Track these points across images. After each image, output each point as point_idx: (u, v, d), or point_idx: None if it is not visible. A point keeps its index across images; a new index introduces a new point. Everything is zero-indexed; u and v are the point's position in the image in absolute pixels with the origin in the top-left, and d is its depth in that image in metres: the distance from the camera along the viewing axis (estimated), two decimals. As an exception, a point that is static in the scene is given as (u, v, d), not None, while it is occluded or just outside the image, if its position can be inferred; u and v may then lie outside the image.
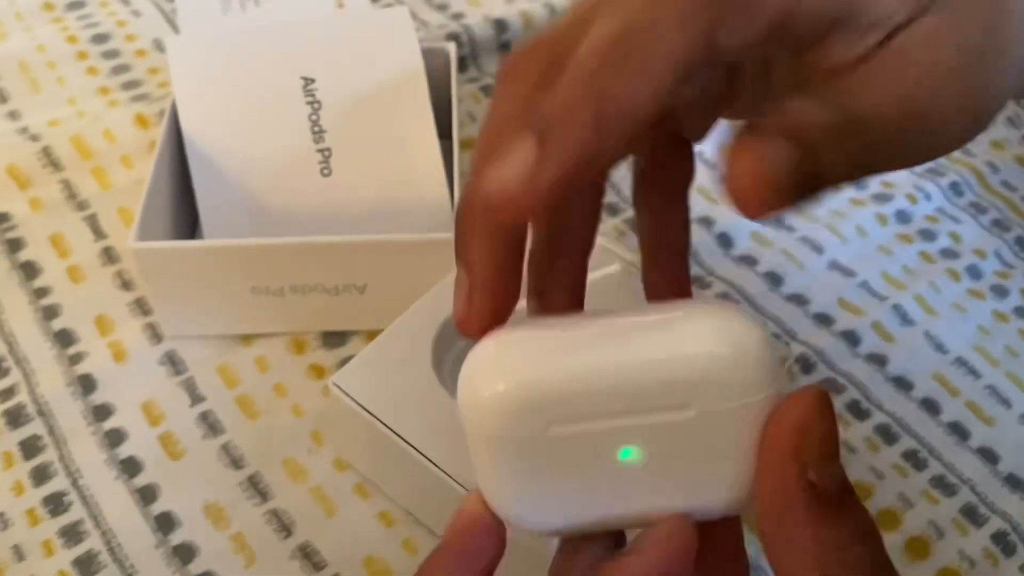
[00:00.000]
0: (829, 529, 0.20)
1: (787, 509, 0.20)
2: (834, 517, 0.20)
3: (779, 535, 0.21)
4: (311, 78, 0.44)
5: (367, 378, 0.35)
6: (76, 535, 0.36)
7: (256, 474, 0.38)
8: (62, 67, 0.56)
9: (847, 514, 0.20)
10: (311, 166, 0.44)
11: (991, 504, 0.39)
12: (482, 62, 0.58)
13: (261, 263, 0.40)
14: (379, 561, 0.36)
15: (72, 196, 0.49)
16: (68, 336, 0.43)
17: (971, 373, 0.44)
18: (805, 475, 0.20)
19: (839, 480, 0.21)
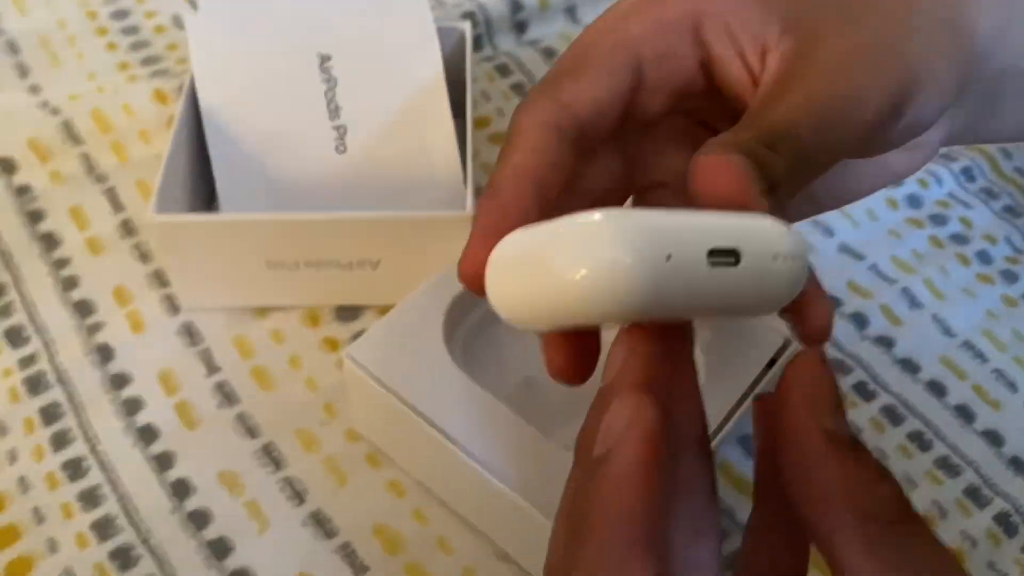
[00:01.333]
0: (855, 468, 0.21)
1: (812, 455, 0.21)
2: (856, 458, 0.21)
3: (808, 480, 0.21)
4: (328, 55, 0.45)
5: (381, 351, 0.35)
6: (94, 499, 0.37)
7: (270, 443, 0.39)
8: (82, 42, 0.57)
9: (867, 457, 0.22)
10: (327, 143, 0.44)
11: (994, 486, 0.40)
12: (497, 41, 0.58)
13: (277, 237, 0.40)
14: (389, 529, 0.37)
15: (91, 169, 0.49)
16: (87, 306, 0.44)
17: (978, 357, 0.44)
18: (822, 424, 0.21)
19: (848, 426, 0.22)
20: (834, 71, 0.26)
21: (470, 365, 0.36)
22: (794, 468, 0.22)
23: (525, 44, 0.58)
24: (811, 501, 0.21)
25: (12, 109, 0.52)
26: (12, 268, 0.45)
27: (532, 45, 0.58)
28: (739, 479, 0.39)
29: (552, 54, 0.58)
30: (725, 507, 0.38)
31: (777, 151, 0.24)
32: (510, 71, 0.57)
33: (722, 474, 0.39)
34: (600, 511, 0.21)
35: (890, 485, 0.21)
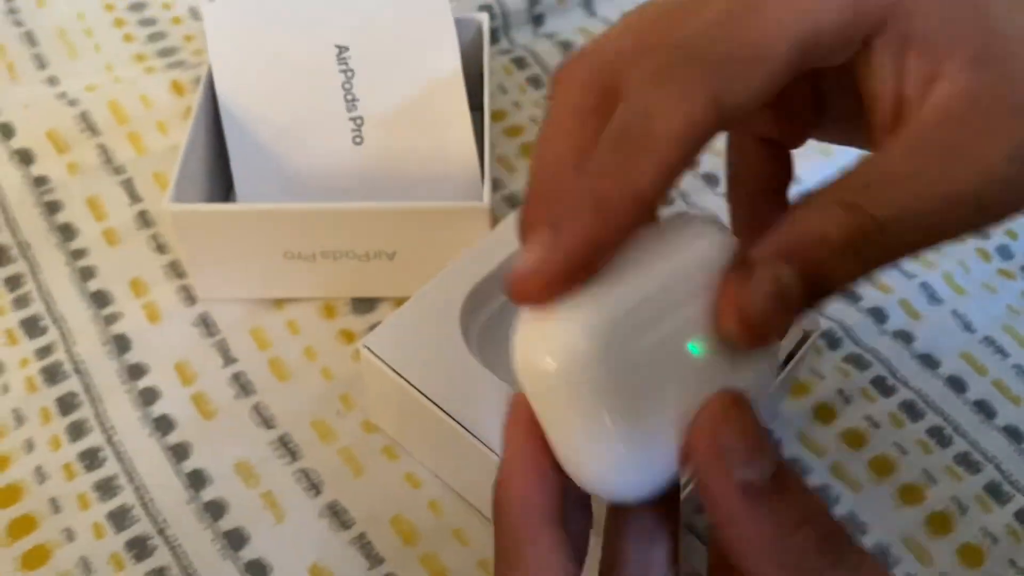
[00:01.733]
0: (768, 521, 0.21)
1: (727, 512, 0.21)
2: (769, 509, 0.21)
3: (728, 538, 0.21)
4: (345, 46, 0.45)
5: (397, 341, 0.35)
6: (110, 489, 0.37)
7: (286, 434, 0.39)
8: (99, 34, 0.57)
9: (783, 501, 0.21)
10: (344, 134, 0.44)
11: (1015, 482, 0.39)
12: (514, 34, 0.58)
13: (294, 228, 0.40)
14: (405, 521, 0.37)
15: (108, 160, 0.49)
16: (104, 297, 0.44)
17: (999, 352, 0.44)
18: (733, 477, 0.21)
19: (768, 472, 0.21)
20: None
21: (487, 355, 0.36)
22: (715, 524, 0.21)
23: (542, 37, 0.58)
24: (736, 556, 0.21)
25: (30, 100, 0.52)
26: (29, 258, 0.45)
27: (549, 38, 0.58)
28: (757, 473, 0.39)
29: (569, 47, 0.57)
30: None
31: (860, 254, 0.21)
32: (527, 64, 0.56)
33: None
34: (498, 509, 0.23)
35: (810, 527, 0.21)
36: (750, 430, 0.21)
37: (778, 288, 0.21)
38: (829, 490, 0.39)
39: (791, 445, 0.40)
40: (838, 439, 0.40)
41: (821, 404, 0.41)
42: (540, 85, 0.55)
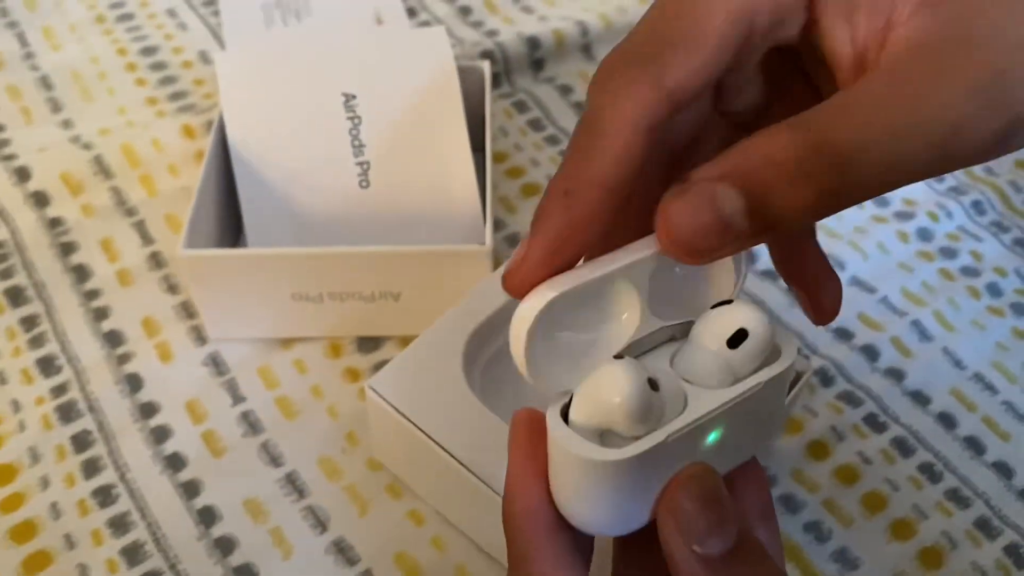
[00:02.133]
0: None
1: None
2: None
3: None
4: (352, 94, 0.46)
5: (401, 382, 0.37)
6: (123, 526, 0.38)
7: (293, 472, 0.40)
8: (112, 78, 0.59)
9: (737, 569, 0.22)
10: (351, 178, 0.46)
11: (1005, 517, 0.40)
12: (515, 79, 0.59)
13: (301, 271, 0.41)
14: (409, 558, 0.38)
15: (121, 203, 0.51)
16: (117, 337, 0.45)
17: (988, 389, 0.45)
18: (691, 548, 0.22)
19: (728, 543, 0.22)
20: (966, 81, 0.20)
21: (489, 396, 0.37)
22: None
23: (542, 81, 0.60)
24: None
25: (45, 143, 0.54)
26: (45, 299, 0.46)
27: (549, 82, 0.60)
28: (752, 509, 0.40)
29: (568, 91, 0.59)
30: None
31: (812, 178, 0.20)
32: (528, 107, 0.58)
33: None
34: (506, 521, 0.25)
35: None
36: (712, 504, 0.23)
37: (714, 205, 0.21)
38: (821, 525, 0.40)
39: (784, 481, 0.41)
40: (831, 475, 0.41)
41: (814, 441, 0.42)
42: (540, 128, 0.57)
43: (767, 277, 0.49)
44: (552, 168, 0.54)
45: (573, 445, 0.23)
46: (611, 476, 0.23)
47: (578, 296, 0.24)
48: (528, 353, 0.23)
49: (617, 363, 0.23)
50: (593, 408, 0.23)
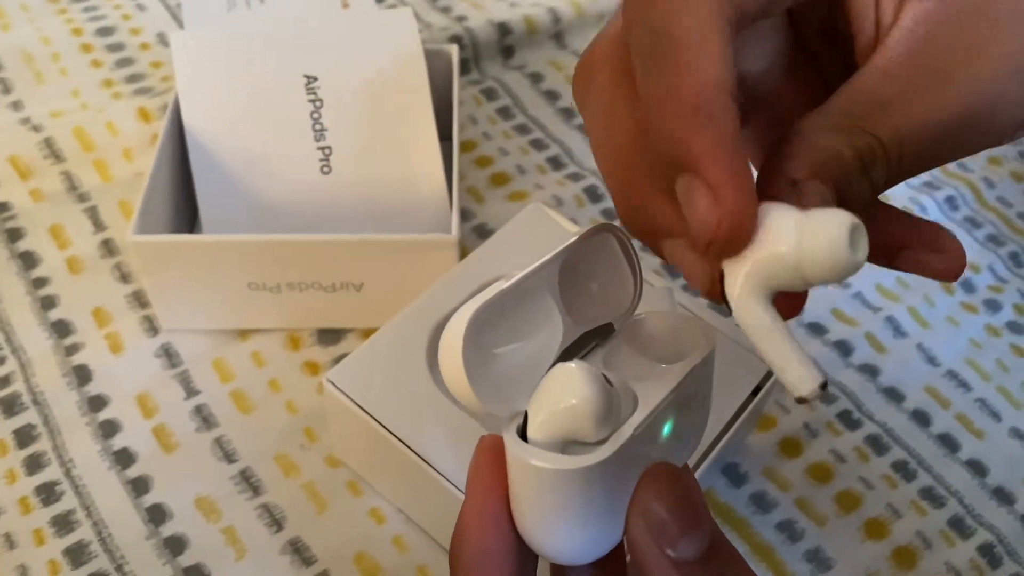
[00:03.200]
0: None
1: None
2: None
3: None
4: (314, 76, 0.45)
5: (362, 375, 0.35)
6: (67, 525, 0.37)
7: (248, 468, 0.39)
8: (66, 59, 0.56)
9: (712, 574, 0.21)
10: (311, 164, 0.44)
11: (978, 516, 0.40)
12: (484, 65, 0.58)
13: (259, 259, 0.40)
14: (369, 558, 0.36)
15: (73, 188, 0.49)
16: (65, 327, 0.43)
17: (962, 386, 0.44)
18: (663, 551, 0.21)
19: (702, 546, 0.21)
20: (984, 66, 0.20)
21: (453, 391, 0.36)
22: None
23: (512, 69, 0.58)
24: None
25: (-7, 126, 0.51)
26: (-11, 287, 0.44)
27: (519, 70, 0.58)
28: (723, 508, 0.39)
29: (539, 79, 0.58)
30: (709, 537, 0.38)
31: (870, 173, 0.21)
32: (497, 95, 0.57)
33: (706, 503, 0.39)
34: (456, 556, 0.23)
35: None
36: (684, 506, 0.21)
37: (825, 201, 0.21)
38: (795, 524, 0.39)
39: (757, 479, 0.40)
40: (804, 473, 0.40)
41: (787, 438, 0.41)
42: (510, 116, 0.55)
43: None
44: (522, 158, 0.53)
45: (541, 459, 0.21)
46: (584, 485, 0.22)
47: (499, 308, 0.23)
48: (469, 376, 0.22)
49: (568, 365, 0.22)
50: (553, 417, 0.22)
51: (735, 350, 0.37)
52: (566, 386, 0.22)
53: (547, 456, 0.22)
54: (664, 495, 0.21)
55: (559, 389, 0.22)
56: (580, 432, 0.22)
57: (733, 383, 0.36)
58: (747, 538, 0.38)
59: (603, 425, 0.22)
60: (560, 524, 0.22)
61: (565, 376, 0.22)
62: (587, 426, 0.22)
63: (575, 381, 0.22)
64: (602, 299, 0.27)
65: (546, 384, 0.22)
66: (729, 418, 0.35)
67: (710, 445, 0.34)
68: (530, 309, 0.25)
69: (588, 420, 0.22)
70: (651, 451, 0.24)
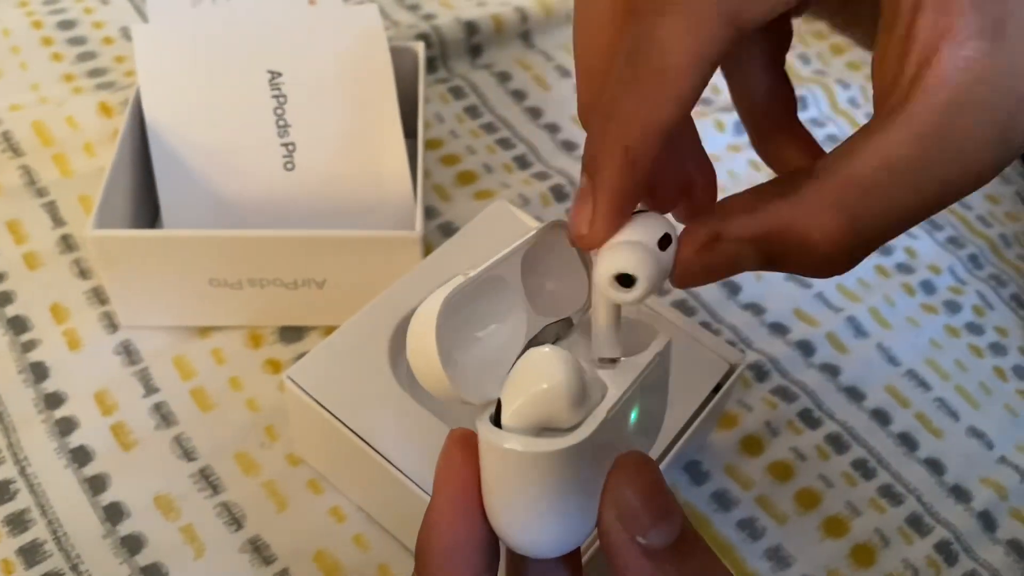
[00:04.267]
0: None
1: (626, 573, 0.21)
2: (672, 571, 0.21)
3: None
4: (278, 72, 0.44)
5: (323, 373, 0.35)
6: (21, 523, 0.36)
7: (208, 467, 0.38)
8: (26, 52, 0.56)
9: (686, 564, 0.21)
10: (275, 160, 0.44)
11: (936, 514, 0.40)
12: (452, 63, 0.58)
13: (219, 255, 0.39)
14: (329, 556, 0.36)
15: (32, 182, 0.48)
16: (22, 323, 0.42)
17: (921, 385, 0.45)
18: (634, 539, 0.21)
19: (672, 535, 0.21)
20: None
21: (416, 388, 0.36)
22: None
23: (479, 67, 0.58)
24: None
25: (-50, 119, 0.51)
26: (-56, 282, 0.43)
27: (486, 69, 0.58)
28: (684, 506, 0.39)
29: (507, 78, 0.58)
30: (670, 534, 0.38)
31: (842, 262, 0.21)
32: (464, 94, 0.56)
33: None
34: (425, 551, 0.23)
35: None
36: (655, 494, 0.21)
37: (735, 264, 0.22)
38: (756, 522, 0.39)
39: (718, 477, 0.40)
40: (765, 471, 0.40)
41: (749, 436, 0.42)
42: (477, 115, 0.55)
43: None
44: (489, 157, 0.53)
45: (518, 443, 0.21)
46: (561, 469, 0.21)
47: (467, 296, 0.23)
48: (442, 361, 0.22)
49: (542, 349, 0.22)
50: (529, 401, 0.22)
51: (696, 348, 0.37)
52: (541, 370, 0.22)
53: (525, 440, 0.21)
54: (636, 483, 0.21)
55: (534, 373, 0.22)
56: (556, 416, 0.22)
57: (694, 381, 0.36)
58: (708, 536, 0.38)
59: (578, 408, 0.22)
60: (535, 514, 0.22)
61: (540, 360, 0.22)
62: (563, 409, 0.22)
63: (551, 364, 0.22)
64: (559, 294, 0.27)
65: (520, 369, 0.22)
66: (690, 416, 0.35)
67: (671, 442, 0.34)
68: (496, 299, 0.24)
69: (564, 403, 0.22)
70: (618, 441, 0.24)
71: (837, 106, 0.57)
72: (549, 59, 0.59)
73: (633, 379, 0.24)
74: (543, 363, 0.22)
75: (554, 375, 0.21)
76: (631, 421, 0.24)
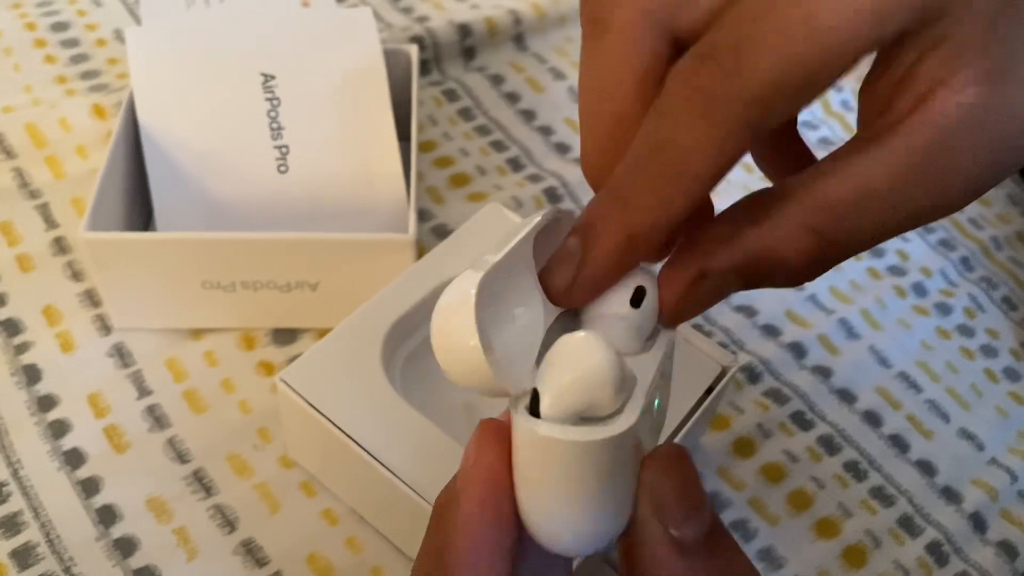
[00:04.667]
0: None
1: (662, 568, 0.21)
2: (703, 566, 0.21)
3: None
4: (271, 74, 0.44)
5: (316, 375, 0.35)
6: (14, 526, 0.36)
7: (201, 469, 0.38)
8: (19, 54, 0.56)
9: (716, 559, 0.21)
10: (268, 163, 0.44)
11: (927, 515, 0.40)
12: (445, 66, 0.58)
13: (212, 257, 0.39)
14: (322, 559, 0.36)
15: (24, 184, 0.48)
16: (14, 325, 0.42)
17: (913, 387, 0.45)
18: (668, 531, 0.21)
19: (704, 528, 0.21)
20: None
21: (409, 391, 0.36)
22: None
23: (473, 70, 0.58)
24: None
25: (-57, 121, 0.50)
26: (-64, 284, 0.43)
27: (480, 72, 0.58)
28: (677, 508, 0.39)
29: (500, 80, 0.58)
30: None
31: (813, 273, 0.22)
32: (458, 96, 0.57)
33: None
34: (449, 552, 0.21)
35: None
36: (689, 488, 0.22)
37: (720, 294, 0.23)
38: (747, 524, 0.39)
39: (711, 479, 0.40)
40: (757, 473, 0.41)
41: (741, 438, 0.42)
42: (471, 117, 0.55)
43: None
44: (482, 160, 0.53)
45: (569, 433, 0.20)
46: (606, 460, 0.21)
47: (495, 278, 0.22)
48: (483, 345, 0.21)
49: (578, 335, 0.21)
50: (570, 389, 0.21)
51: (688, 350, 0.37)
52: (581, 355, 0.21)
53: (571, 430, 0.21)
54: (671, 476, 0.22)
55: (574, 359, 0.21)
56: (598, 402, 0.21)
57: (686, 383, 0.36)
58: (700, 537, 0.38)
59: (620, 393, 0.21)
60: (577, 507, 0.21)
61: (578, 345, 0.21)
62: (606, 395, 0.21)
63: (590, 350, 0.21)
64: None
65: (556, 356, 0.21)
66: (682, 418, 0.35)
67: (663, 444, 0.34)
68: (515, 287, 0.24)
69: (607, 388, 0.21)
70: (643, 434, 0.23)
71: (830, 108, 0.57)
72: (543, 62, 0.60)
73: (657, 365, 0.23)
74: (582, 348, 0.21)
75: (595, 360, 0.21)
76: (655, 408, 0.24)
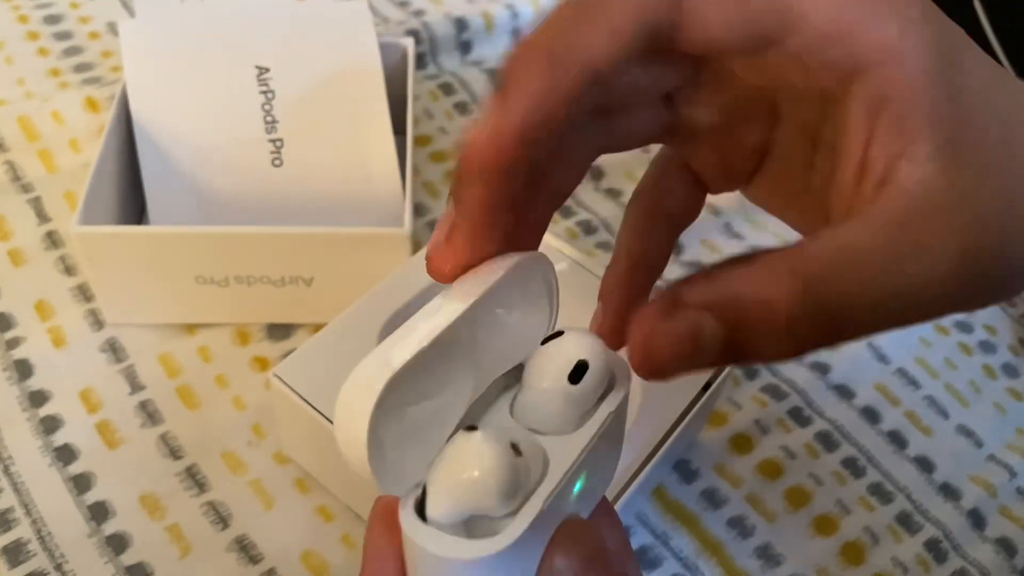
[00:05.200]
0: None
1: None
2: None
3: None
4: (266, 67, 0.44)
5: (310, 370, 0.34)
6: (5, 523, 0.36)
7: (194, 465, 0.38)
8: (12, 47, 0.55)
9: None
10: (262, 156, 0.43)
11: (925, 512, 0.40)
12: (441, 60, 0.58)
13: (206, 252, 0.39)
14: (317, 555, 0.36)
15: (16, 178, 0.48)
16: (6, 320, 0.42)
17: (911, 384, 0.45)
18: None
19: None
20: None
21: (403, 386, 0.35)
22: None
23: (469, 64, 0.58)
24: None
25: (-66, 114, 0.50)
26: (-73, 279, 0.43)
27: (476, 65, 0.58)
28: (674, 504, 0.39)
29: (496, 75, 0.57)
30: (659, 532, 0.38)
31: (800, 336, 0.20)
32: (454, 90, 0.56)
33: (657, 499, 0.39)
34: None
35: None
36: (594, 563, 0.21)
37: (697, 337, 0.20)
38: (745, 520, 0.39)
39: (708, 476, 0.40)
40: (755, 470, 0.40)
41: (739, 434, 0.41)
42: (467, 111, 0.55)
43: (693, 268, 0.48)
44: (478, 153, 0.53)
45: (439, 545, 0.19)
46: (488, 571, 0.20)
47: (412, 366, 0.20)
48: (371, 456, 0.19)
49: (473, 435, 0.20)
50: (454, 492, 0.20)
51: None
52: (470, 458, 0.20)
53: (446, 542, 0.19)
54: (572, 556, 0.21)
55: (462, 461, 0.20)
56: (484, 507, 0.20)
57: (683, 379, 0.36)
58: (698, 534, 0.38)
59: (509, 499, 0.20)
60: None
61: (468, 447, 0.20)
62: (492, 501, 0.20)
63: (480, 454, 0.20)
64: (516, 334, 0.24)
65: (447, 455, 0.20)
66: (679, 414, 0.35)
67: (660, 441, 0.34)
68: (443, 362, 0.21)
69: (492, 496, 0.20)
70: (562, 511, 0.22)
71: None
72: (539, 56, 0.59)
73: (577, 454, 0.21)
74: (473, 451, 0.20)
75: (482, 465, 0.19)
76: (575, 492, 0.22)
